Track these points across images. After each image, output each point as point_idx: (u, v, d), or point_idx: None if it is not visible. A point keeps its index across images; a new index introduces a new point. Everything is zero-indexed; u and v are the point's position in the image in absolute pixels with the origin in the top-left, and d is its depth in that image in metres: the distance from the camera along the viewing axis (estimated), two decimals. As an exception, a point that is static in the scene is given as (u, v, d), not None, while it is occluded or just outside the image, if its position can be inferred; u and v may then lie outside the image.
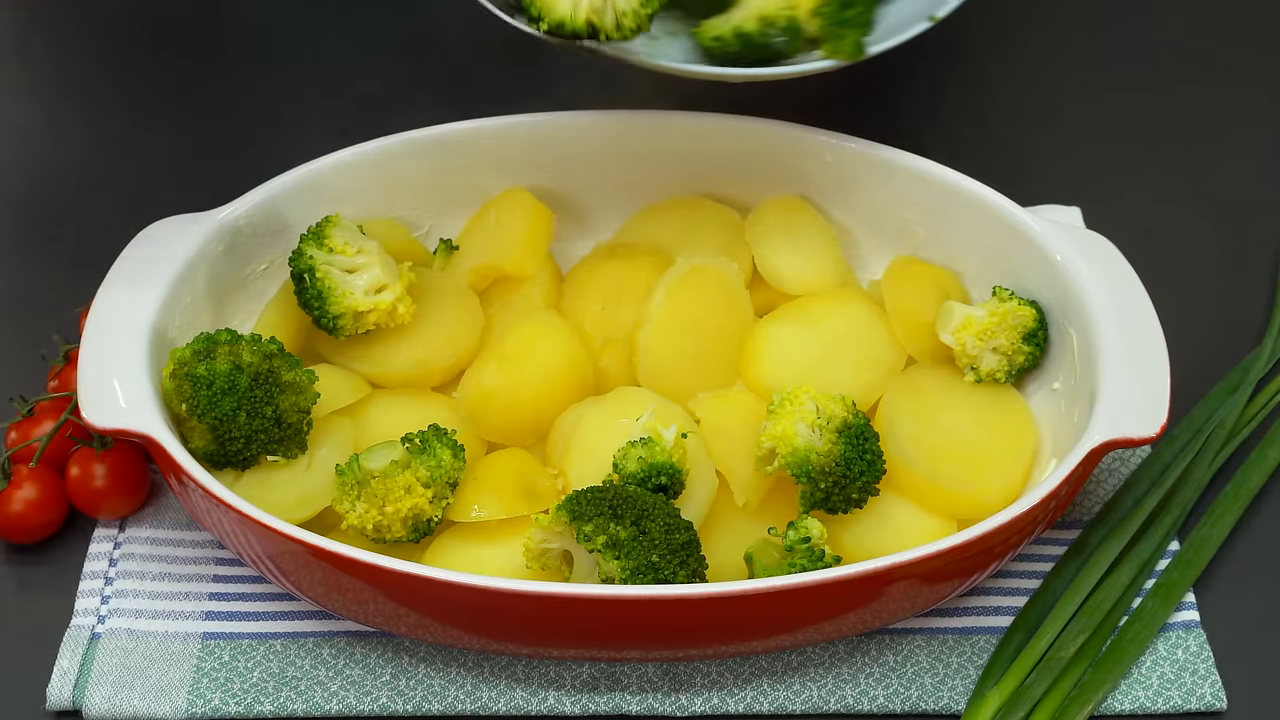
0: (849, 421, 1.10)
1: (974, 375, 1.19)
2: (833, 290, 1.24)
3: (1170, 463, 1.20)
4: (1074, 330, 1.16)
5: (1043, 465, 1.15)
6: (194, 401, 1.09)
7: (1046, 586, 1.14)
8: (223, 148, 1.46)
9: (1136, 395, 1.09)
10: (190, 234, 1.18)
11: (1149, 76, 1.53)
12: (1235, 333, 1.30)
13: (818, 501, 1.10)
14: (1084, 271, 1.16)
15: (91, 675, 1.09)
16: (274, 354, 1.11)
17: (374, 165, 1.24)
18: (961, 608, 1.14)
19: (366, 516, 1.08)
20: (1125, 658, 1.10)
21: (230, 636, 1.12)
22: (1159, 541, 1.16)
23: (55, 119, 1.50)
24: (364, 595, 1.05)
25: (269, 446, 1.11)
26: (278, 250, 1.23)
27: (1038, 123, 1.49)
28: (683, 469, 1.10)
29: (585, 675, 1.11)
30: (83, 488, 1.17)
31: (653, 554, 1.02)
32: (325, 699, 1.09)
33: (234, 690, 1.09)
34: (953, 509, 1.13)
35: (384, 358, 1.19)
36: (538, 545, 1.06)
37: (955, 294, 1.23)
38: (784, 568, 1.05)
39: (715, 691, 1.10)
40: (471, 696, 1.10)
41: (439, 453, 1.09)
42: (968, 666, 1.11)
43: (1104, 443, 1.07)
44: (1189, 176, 1.44)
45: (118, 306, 1.13)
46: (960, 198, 1.22)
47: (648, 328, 1.19)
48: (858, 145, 1.24)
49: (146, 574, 1.16)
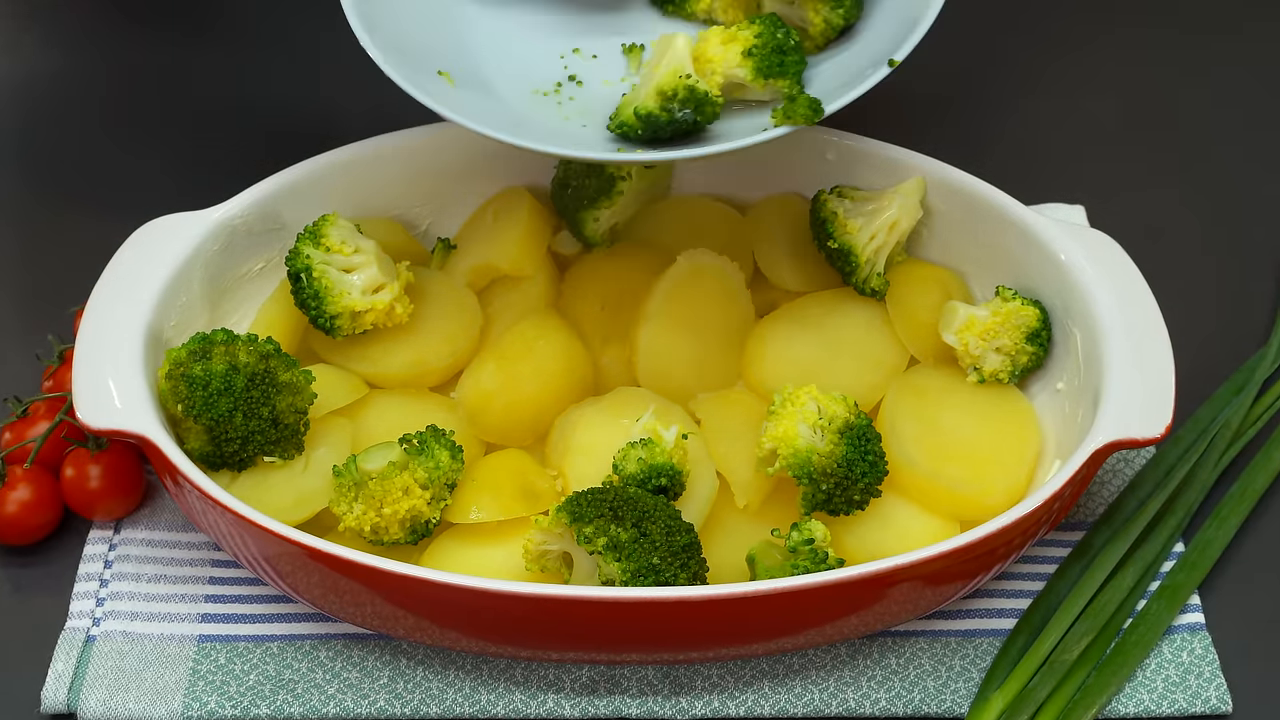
0: (851, 422, 1.09)
1: (977, 375, 1.18)
2: (834, 290, 1.23)
3: (1175, 464, 1.20)
4: (1078, 330, 1.15)
5: (1046, 466, 1.15)
6: (190, 402, 1.08)
7: (1050, 588, 1.14)
8: (219, 146, 1.45)
9: (1141, 396, 1.09)
10: (186, 233, 1.17)
11: (1153, 73, 1.53)
12: (1241, 333, 1.30)
13: (819, 503, 1.09)
14: (1088, 271, 1.15)
15: (86, 678, 1.09)
16: (270, 354, 1.11)
17: (371, 164, 1.24)
18: (964, 610, 1.14)
19: (364, 518, 1.07)
20: (1130, 660, 1.10)
21: (226, 639, 1.12)
22: (1164, 543, 1.16)
23: (52, 118, 1.49)
24: (361, 598, 1.05)
25: (265, 447, 1.10)
26: (274, 249, 1.22)
27: (1041, 120, 1.49)
28: (683, 470, 1.10)
29: (585, 678, 1.10)
30: (78, 489, 1.16)
31: (654, 556, 1.02)
32: (322, 702, 1.08)
33: (230, 693, 1.09)
34: (956, 510, 1.13)
35: (381, 358, 1.19)
36: (537, 547, 1.06)
37: (958, 294, 1.23)
38: (786, 570, 1.05)
39: (716, 694, 1.09)
40: (470, 700, 1.09)
41: (437, 454, 1.08)
42: (971, 669, 1.11)
43: (1108, 444, 1.07)
44: (1194, 175, 1.44)
45: (113, 306, 1.12)
46: (963, 196, 1.22)
47: (648, 328, 1.19)
48: (859, 143, 1.24)
49: (142, 576, 1.15)
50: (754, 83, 1.12)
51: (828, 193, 1.21)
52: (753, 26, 1.12)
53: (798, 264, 1.24)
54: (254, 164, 1.23)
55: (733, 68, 1.12)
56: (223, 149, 1.45)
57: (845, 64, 1.15)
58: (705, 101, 1.09)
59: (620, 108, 1.12)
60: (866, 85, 1.10)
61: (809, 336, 1.20)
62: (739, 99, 1.14)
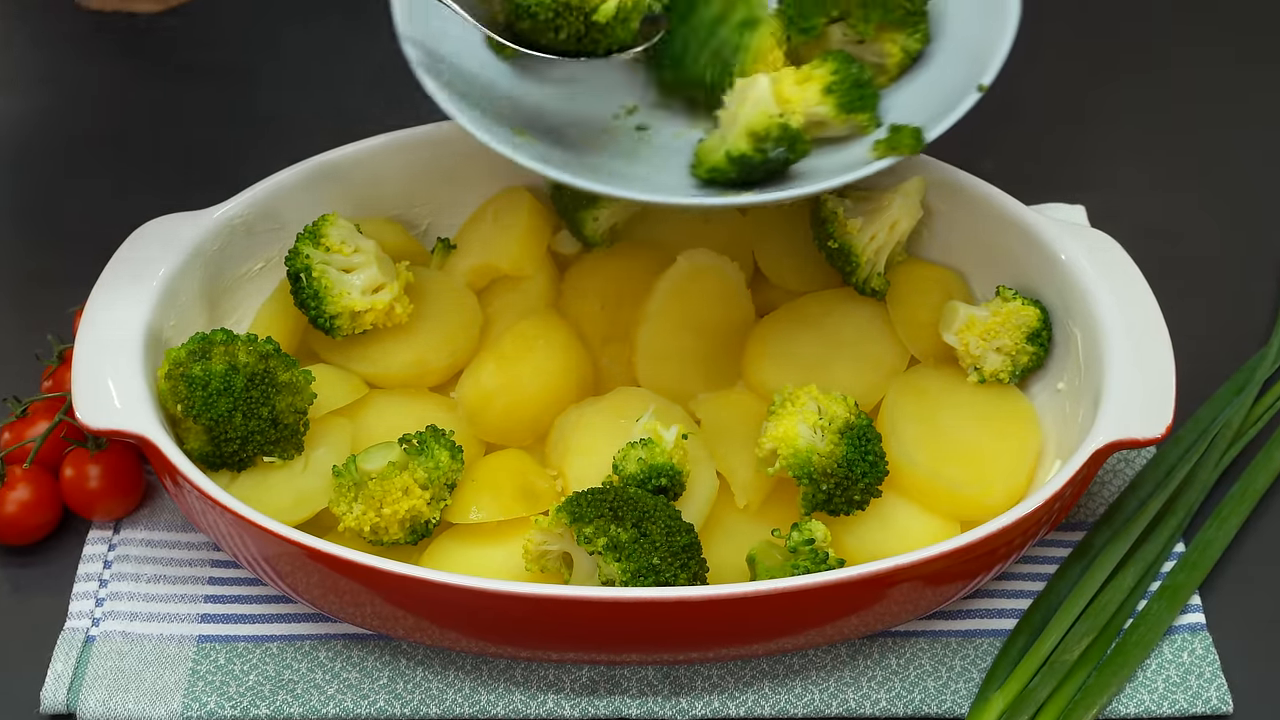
0: (851, 422, 1.09)
1: (977, 375, 1.18)
2: (834, 290, 1.23)
3: (1175, 464, 1.19)
4: (1078, 330, 1.15)
5: (1047, 466, 1.15)
6: (189, 402, 1.08)
7: (1050, 589, 1.14)
8: (218, 145, 1.45)
9: (1141, 396, 1.09)
10: (185, 233, 1.17)
11: (1155, 73, 1.53)
12: (1241, 332, 1.30)
13: (819, 503, 1.09)
14: (1089, 271, 1.15)
15: (86, 678, 1.09)
16: (270, 354, 1.11)
17: (371, 163, 1.23)
18: (965, 610, 1.14)
19: (364, 518, 1.07)
20: (1130, 661, 1.10)
21: (226, 639, 1.12)
22: (1164, 543, 1.15)
23: (52, 118, 1.49)
24: (361, 598, 1.04)
25: (265, 447, 1.10)
26: (274, 249, 1.22)
27: (1041, 119, 1.49)
28: (683, 470, 1.09)
29: (585, 678, 1.10)
30: (77, 489, 1.16)
31: (654, 556, 1.02)
32: (322, 702, 1.08)
33: (229, 693, 1.09)
34: (956, 510, 1.12)
35: (381, 358, 1.19)
36: (537, 547, 1.06)
37: (958, 293, 1.22)
38: (787, 570, 1.04)
39: (716, 695, 1.09)
40: (470, 700, 1.09)
41: (437, 454, 1.08)
42: (971, 669, 1.11)
43: (1109, 444, 1.07)
44: (1195, 174, 1.44)
45: (112, 306, 1.12)
46: (963, 196, 1.21)
47: (648, 327, 1.19)
48: (859, 143, 1.23)
49: (141, 576, 1.15)
50: (835, 119, 1.11)
51: (828, 192, 1.21)
52: (826, 64, 1.11)
53: (798, 264, 1.24)
54: (254, 164, 1.23)
55: (813, 105, 1.10)
56: (223, 149, 1.45)
57: (921, 91, 1.14)
58: (797, 140, 1.09)
59: (703, 154, 1.11)
60: (960, 111, 1.09)
61: (809, 336, 1.20)
62: (815, 136, 1.13)
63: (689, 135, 1.16)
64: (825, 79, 1.11)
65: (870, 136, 1.11)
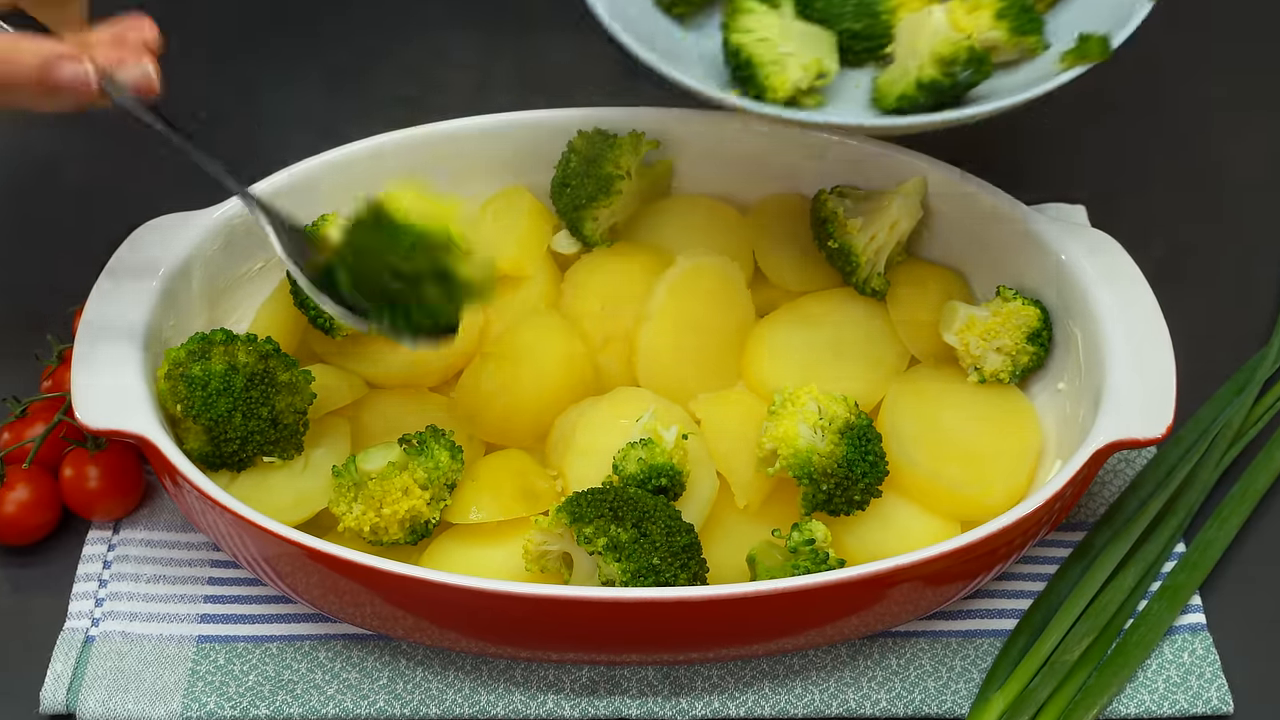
0: (851, 422, 1.09)
1: (977, 376, 1.18)
2: (834, 290, 1.23)
3: (1176, 464, 1.19)
4: (1079, 330, 1.15)
5: (1047, 466, 1.15)
6: (189, 402, 1.08)
7: (1051, 589, 1.14)
8: (217, 146, 1.45)
9: (1142, 396, 1.09)
10: (185, 233, 1.17)
11: (1155, 73, 1.52)
12: (1242, 333, 1.30)
13: (820, 503, 1.09)
14: (1089, 271, 1.15)
15: (85, 678, 1.09)
16: (270, 354, 1.11)
17: (369, 164, 1.23)
18: (965, 610, 1.14)
19: (363, 518, 1.07)
20: (1131, 661, 1.09)
21: (225, 639, 1.12)
22: (1165, 544, 1.15)
23: (49, 116, 1.49)
24: (361, 598, 1.04)
25: (265, 448, 1.10)
26: (273, 249, 1.22)
27: (1041, 119, 1.48)
28: (683, 470, 1.09)
29: (585, 679, 1.10)
30: (76, 489, 1.16)
31: (654, 556, 1.02)
32: (321, 702, 1.08)
33: (229, 694, 1.09)
34: (956, 511, 1.12)
35: (381, 357, 1.19)
36: (537, 547, 1.06)
37: (958, 294, 1.22)
38: (787, 570, 1.04)
39: (716, 695, 1.09)
40: (469, 700, 1.09)
41: (437, 454, 1.08)
42: (971, 670, 1.10)
43: (1109, 444, 1.06)
44: (1195, 174, 1.44)
45: (111, 306, 1.12)
46: (963, 196, 1.21)
47: (648, 327, 1.19)
48: (859, 143, 1.23)
49: (141, 576, 1.15)
50: (1007, 42, 1.15)
51: (828, 193, 1.21)
52: None
53: (798, 264, 1.24)
54: (254, 164, 1.23)
55: (986, 30, 1.14)
56: (223, 149, 1.44)
57: (1079, 13, 1.17)
58: (985, 61, 1.12)
59: (885, 86, 1.14)
60: (1137, 20, 1.12)
61: (809, 336, 1.20)
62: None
63: (846, 77, 1.19)
64: (995, 4, 1.14)
65: (1039, 58, 1.15)
